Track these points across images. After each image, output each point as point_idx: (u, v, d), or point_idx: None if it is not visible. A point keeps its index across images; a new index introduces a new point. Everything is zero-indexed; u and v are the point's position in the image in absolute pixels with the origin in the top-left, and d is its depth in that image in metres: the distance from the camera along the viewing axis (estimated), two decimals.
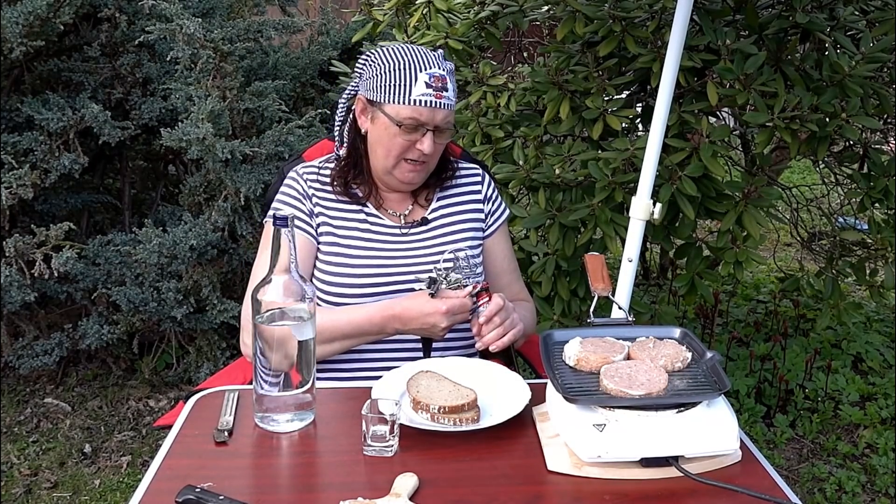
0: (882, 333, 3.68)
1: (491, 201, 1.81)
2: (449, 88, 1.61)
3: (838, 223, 3.44)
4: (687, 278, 2.56)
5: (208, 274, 3.04)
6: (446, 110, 1.60)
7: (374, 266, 1.66)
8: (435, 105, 1.58)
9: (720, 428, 1.21)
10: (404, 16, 2.86)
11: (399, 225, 1.72)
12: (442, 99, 1.59)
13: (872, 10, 2.71)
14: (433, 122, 1.59)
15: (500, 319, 1.55)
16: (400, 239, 1.70)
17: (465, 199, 1.78)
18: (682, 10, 1.85)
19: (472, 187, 1.80)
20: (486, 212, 1.80)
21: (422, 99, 1.58)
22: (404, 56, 1.60)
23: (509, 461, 1.25)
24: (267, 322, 1.31)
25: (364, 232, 1.69)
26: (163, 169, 3.66)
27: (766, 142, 2.42)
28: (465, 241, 1.73)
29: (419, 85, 1.58)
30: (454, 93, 1.64)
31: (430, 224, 1.73)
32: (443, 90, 1.59)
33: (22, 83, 3.15)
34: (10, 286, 2.82)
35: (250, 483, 1.21)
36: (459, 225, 1.75)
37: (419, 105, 1.58)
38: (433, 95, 1.58)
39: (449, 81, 1.61)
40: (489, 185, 1.83)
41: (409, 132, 1.60)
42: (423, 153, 1.61)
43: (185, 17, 2.89)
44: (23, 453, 2.88)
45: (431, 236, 1.72)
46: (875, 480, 2.74)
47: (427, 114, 1.58)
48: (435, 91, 1.58)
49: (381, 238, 1.69)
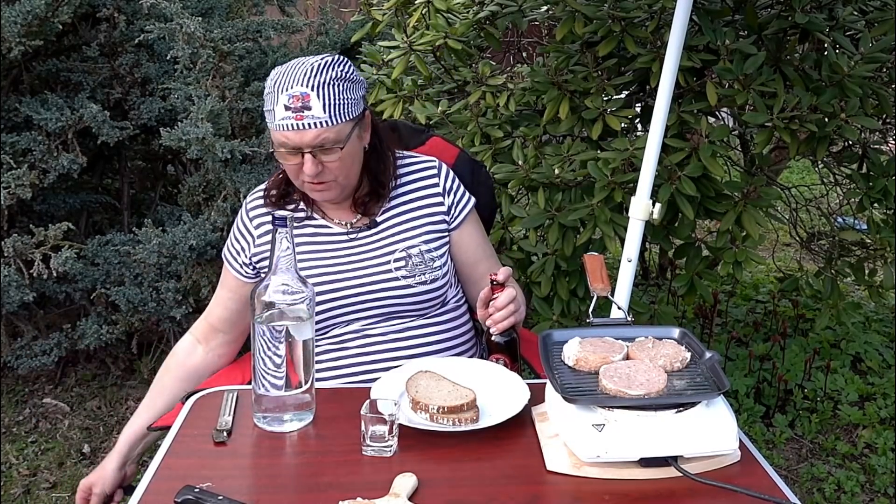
0: (881, 333, 3.68)
1: (452, 193, 1.75)
2: (313, 106, 1.50)
3: (837, 223, 3.43)
4: (686, 278, 2.56)
5: (207, 274, 3.04)
6: (313, 130, 1.50)
7: (323, 274, 1.64)
8: (297, 127, 1.51)
9: (719, 428, 1.21)
10: (403, 16, 2.86)
11: (347, 230, 1.69)
12: (303, 120, 1.50)
13: (872, 10, 2.71)
14: (304, 145, 1.52)
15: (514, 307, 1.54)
16: (348, 244, 1.68)
17: (419, 194, 1.73)
18: (681, 10, 1.85)
19: (427, 181, 1.74)
20: (447, 204, 1.74)
21: (283, 123, 1.51)
22: (274, 77, 1.55)
23: (508, 461, 1.25)
24: (266, 322, 1.31)
25: (312, 244, 1.68)
26: (162, 169, 3.66)
27: (765, 142, 2.42)
28: (420, 236, 1.70)
29: (279, 108, 1.51)
30: (332, 109, 1.51)
31: (379, 226, 1.69)
32: (303, 110, 1.50)
33: (20, 83, 3.15)
34: (8, 286, 2.82)
35: (249, 483, 1.21)
36: (413, 222, 1.71)
37: (282, 130, 1.52)
38: (293, 118, 1.50)
39: (314, 98, 1.50)
40: (447, 177, 1.76)
41: (290, 156, 1.55)
42: (309, 175, 1.55)
43: (184, 17, 2.88)
44: (21, 453, 2.88)
45: (382, 237, 1.69)
46: (874, 480, 2.74)
47: (293, 136, 1.51)
48: (294, 113, 1.50)
49: (329, 246, 1.68)
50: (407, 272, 1.64)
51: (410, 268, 1.64)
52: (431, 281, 1.66)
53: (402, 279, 1.64)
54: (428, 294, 1.66)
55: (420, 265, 1.65)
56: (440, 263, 1.69)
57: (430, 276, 1.65)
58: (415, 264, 1.64)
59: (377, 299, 1.64)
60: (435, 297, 1.67)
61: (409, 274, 1.64)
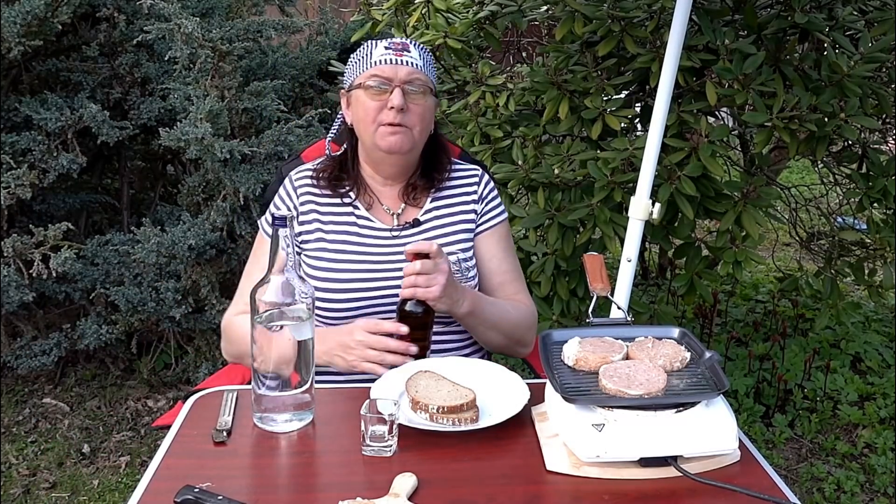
0: (881, 333, 3.68)
1: (485, 201, 1.76)
2: (412, 51, 1.62)
3: (837, 223, 3.44)
4: (686, 278, 2.56)
5: (207, 274, 3.04)
6: (409, 67, 1.60)
7: (361, 271, 1.63)
8: (395, 62, 1.60)
9: (719, 428, 1.21)
10: (403, 15, 2.86)
11: (390, 227, 1.69)
12: (402, 56, 1.60)
13: (871, 10, 2.71)
14: (397, 78, 1.59)
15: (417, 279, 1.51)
16: (390, 242, 1.67)
17: (459, 199, 1.75)
18: (680, 9, 1.85)
19: (467, 188, 1.76)
20: (479, 211, 1.75)
21: (381, 58, 1.61)
22: (370, 40, 1.66)
23: (508, 461, 1.25)
24: (266, 322, 1.31)
25: (353, 235, 1.67)
26: (161, 169, 3.66)
27: (764, 142, 2.42)
28: (457, 243, 1.70)
29: (378, 49, 1.62)
30: (425, 63, 1.64)
31: (421, 226, 1.70)
32: (403, 51, 1.61)
33: (20, 83, 3.15)
34: (8, 286, 2.82)
35: (249, 483, 1.21)
36: (452, 227, 1.72)
37: (379, 64, 1.60)
38: (392, 54, 1.60)
39: (413, 47, 1.63)
40: (486, 186, 1.78)
41: (377, 93, 1.60)
42: (396, 109, 1.58)
43: (183, 17, 2.88)
44: (21, 453, 2.88)
45: (423, 239, 1.68)
46: (874, 480, 2.74)
47: (388, 70, 1.60)
48: (395, 51, 1.61)
49: (370, 241, 1.67)
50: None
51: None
52: None
53: None
54: None
55: (457, 273, 1.63)
56: (473, 274, 1.69)
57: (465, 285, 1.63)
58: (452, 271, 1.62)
59: None
60: None
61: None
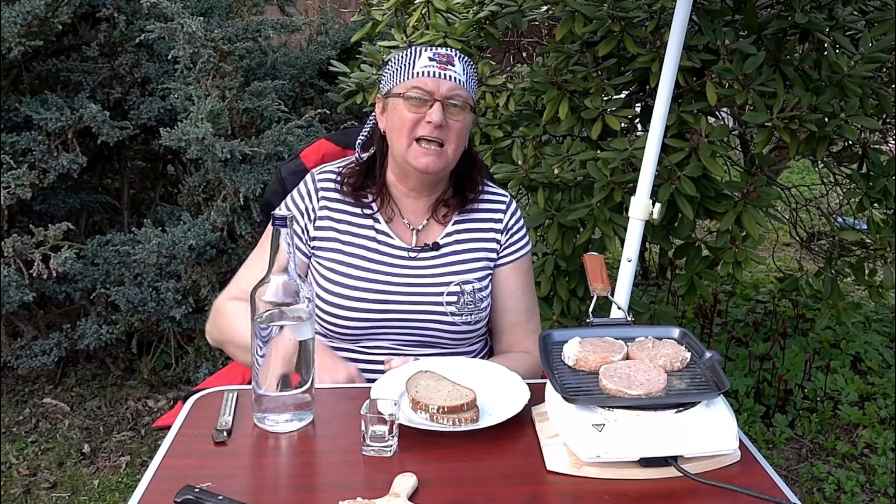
0: (881, 333, 3.68)
1: (510, 233, 1.72)
2: (456, 65, 1.58)
3: (837, 223, 3.44)
4: (686, 278, 2.56)
5: (207, 274, 3.04)
6: (452, 82, 1.57)
7: (374, 291, 1.61)
8: (438, 75, 1.56)
9: (719, 428, 1.21)
10: (403, 15, 2.86)
11: (408, 247, 1.65)
12: (447, 71, 1.57)
13: (871, 10, 2.71)
14: (438, 93, 1.56)
15: None
16: (406, 263, 1.64)
17: (483, 226, 1.70)
18: (681, 9, 1.85)
19: (494, 215, 1.72)
20: (502, 242, 1.71)
21: (425, 70, 1.57)
22: (408, 48, 1.62)
23: (508, 461, 1.25)
24: (265, 322, 1.31)
25: (370, 251, 1.64)
26: (162, 169, 3.66)
27: (765, 142, 2.42)
28: (474, 272, 1.67)
29: (422, 59, 1.58)
30: (468, 78, 1.60)
31: (440, 250, 1.66)
32: (448, 64, 1.57)
33: (20, 83, 3.15)
34: (8, 286, 2.82)
35: (249, 483, 1.21)
36: (472, 254, 1.68)
37: (422, 76, 1.57)
38: (436, 67, 1.57)
39: (457, 60, 1.59)
40: (512, 216, 1.73)
41: (417, 105, 1.56)
42: (434, 125, 1.55)
43: (185, 16, 2.88)
44: (21, 453, 2.88)
45: (440, 263, 1.65)
46: (874, 480, 2.74)
47: (431, 83, 1.56)
48: (439, 64, 1.57)
49: (386, 260, 1.64)
50: (457, 309, 1.62)
51: (461, 305, 1.62)
52: (475, 322, 1.65)
53: (451, 315, 1.62)
54: (468, 332, 1.65)
55: (470, 304, 1.63)
56: (486, 304, 1.67)
57: (475, 317, 1.64)
58: (465, 302, 1.62)
59: (420, 327, 1.62)
60: (473, 335, 1.67)
61: (458, 311, 1.62)
